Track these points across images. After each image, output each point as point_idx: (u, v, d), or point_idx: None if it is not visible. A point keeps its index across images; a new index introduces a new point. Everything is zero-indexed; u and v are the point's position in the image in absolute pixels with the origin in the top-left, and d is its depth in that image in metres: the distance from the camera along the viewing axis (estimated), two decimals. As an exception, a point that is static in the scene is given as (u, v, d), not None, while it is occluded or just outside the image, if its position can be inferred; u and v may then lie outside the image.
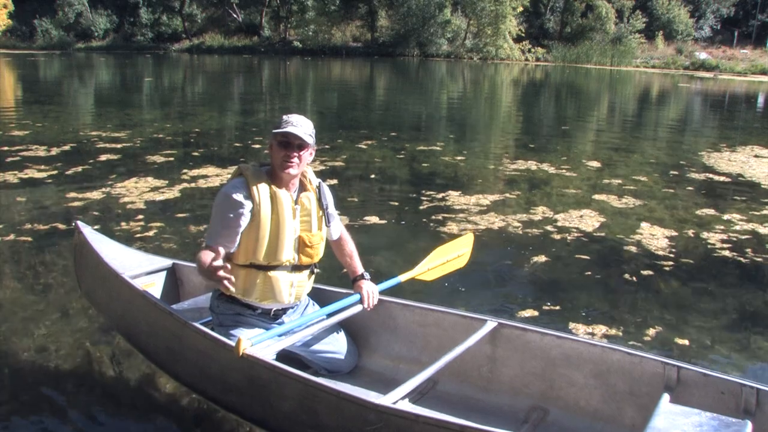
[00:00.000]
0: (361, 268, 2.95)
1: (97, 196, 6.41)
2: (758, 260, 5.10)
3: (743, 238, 5.63)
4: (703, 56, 41.71)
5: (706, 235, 5.67)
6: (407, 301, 3.02)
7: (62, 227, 5.41)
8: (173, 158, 8.45)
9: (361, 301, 2.85)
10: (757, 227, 5.95)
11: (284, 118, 2.64)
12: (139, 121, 12.36)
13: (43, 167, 7.59)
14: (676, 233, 5.66)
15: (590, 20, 45.19)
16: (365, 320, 3.02)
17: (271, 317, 2.77)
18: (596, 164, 8.90)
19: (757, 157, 9.90)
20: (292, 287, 2.73)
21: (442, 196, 6.75)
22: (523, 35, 44.07)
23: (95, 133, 10.36)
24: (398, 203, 6.51)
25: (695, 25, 46.71)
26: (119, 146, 9.16)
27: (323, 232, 2.80)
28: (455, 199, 6.62)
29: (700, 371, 2.39)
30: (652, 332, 3.77)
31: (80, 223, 3.41)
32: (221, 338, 2.53)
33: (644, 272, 4.73)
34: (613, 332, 3.74)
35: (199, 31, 49.25)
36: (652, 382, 2.46)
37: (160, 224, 5.51)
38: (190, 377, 2.76)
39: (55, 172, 7.40)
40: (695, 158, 9.72)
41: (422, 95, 21.09)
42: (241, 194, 2.57)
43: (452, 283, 4.26)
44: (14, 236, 5.16)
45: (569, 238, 5.47)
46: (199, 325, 2.62)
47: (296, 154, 2.59)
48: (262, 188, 2.60)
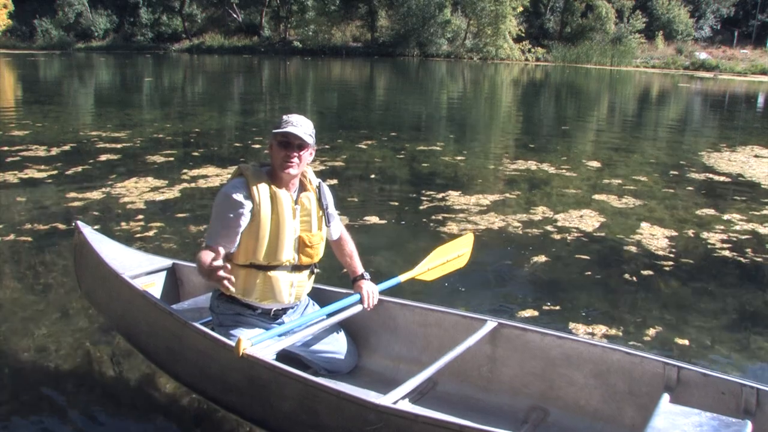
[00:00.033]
0: (361, 268, 2.96)
1: (97, 196, 6.41)
2: (758, 260, 5.10)
3: (743, 238, 5.63)
4: (703, 56, 41.71)
5: (706, 235, 5.67)
6: (407, 301, 3.02)
7: (62, 227, 5.41)
8: (173, 158, 8.45)
9: (361, 301, 2.86)
10: (757, 227, 5.95)
11: (284, 118, 2.64)
12: (139, 121, 12.36)
13: (43, 167, 7.59)
14: (676, 233, 5.66)
15: (590, 20, 45.20)
16: (365, 320, 3.02)
17: (271, 317, 2.77)
18: (596, 164, 8.90)
19: (757, 157, 9.90)
20: (292, 287, 2.73)
21: (442, 196, 6.75)
22: (523, 35, 44.08)
23: (95, 133, 10.36)
24: (398, 203, 6.51)
25: (695, 25, 46.72)
26: (119, 146, 9.16)
27: (323, 232, 2.80)
28: (455, 199, 6.62)
29: (700, 371, 2.39)
30: (652, 332, 3.77)
31: (80, 223, 3.41)
32: (221, 338, 2.53)
33: (644, 272, 4.73)
34: (613, 332, 3.74)
35: (199, 31, 49.27)
36: (652, 382, 2.46)
37: (160, 224, 5.51)
38: (190, 377, 2.77)
39: (55, 172, 7.41)
40: (695, 158, 9.72)
41: (422, 95, 21.09)
42: (241, 194, 2.57)
43: (452, 283, 4.26)
44: (14, 236, 5.16)
45: (569, 238, 5.47)
46: (199, 325, 2.62)
47: (296, 154, 2.59)
48: (262, 188, 2.60)
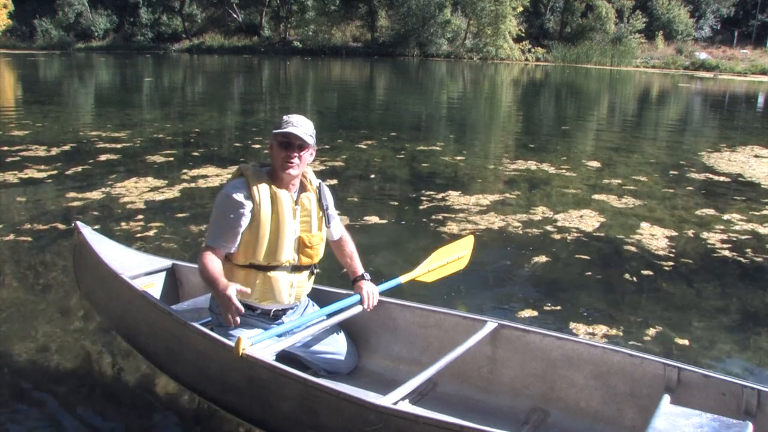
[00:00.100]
0: (361, 268, 2.95)
1: (97, 196, 6.41)
2: (758, 260, 5.10)
3: (743, 238, 5.63)
4: (703, 56, 41.72)
5: (706, 235, 5.67)
6: (407, 302, 3.02)
7: (62, 227, 5.41)
8: (173, 158, 8.44)
9: (361, 301, 2.85)
10: (757, 227, 5.95)
11: (285, 118, 2.63)
12: (139, 121, 12.36)
13: (43, 167, 7.59)
14: (676, 233, 5.66)
15: (590, 20, 45.21)
16: (365, 321, 3.01)
17: (270, 318, 2.77)
18: (596, 164, 8.90)
19: (757, 157, 9.90)
20: (291, 288, 2.73)
21: (442, 196, 6.74)
22: (523, 35, 44.09)
23: (95, 133, 10.36)
24: (398, 203, 6.51)
25: (695, 25, 46.72)
26: (119, 146, 9.15)
27: (323, 232, 2.80)
28: (455, 199, 6.62)
29: (700, 372, 2.39)
30: (652, 332, 3.77)
31: (80, 223, 3.40)
32: (221, 338, 2.53)
33: (644, 272, 4.73)
34: (613, 332, 3.74)
35: (199, 31, 49.27)
36: (652, 383, 2.46)
37: (159, 224, 5.51)
38: (189, 377, 2.76)
39: (55, 172, 7.40)
40: (695, 158, 9.72)
41: (422, 95, 21.09)
42: (241, 194, 2.57)
43: (452, 283, 4.24)
44: (14, 236, 5.16)
45: (569, 238, 5.47)
46: (198, 325, 2.62)
47: (297, 154, 2.59)
48: (262, 188, 2.59)
